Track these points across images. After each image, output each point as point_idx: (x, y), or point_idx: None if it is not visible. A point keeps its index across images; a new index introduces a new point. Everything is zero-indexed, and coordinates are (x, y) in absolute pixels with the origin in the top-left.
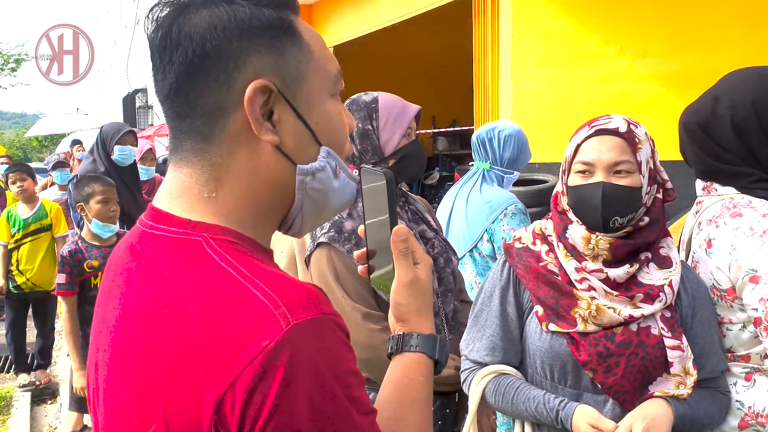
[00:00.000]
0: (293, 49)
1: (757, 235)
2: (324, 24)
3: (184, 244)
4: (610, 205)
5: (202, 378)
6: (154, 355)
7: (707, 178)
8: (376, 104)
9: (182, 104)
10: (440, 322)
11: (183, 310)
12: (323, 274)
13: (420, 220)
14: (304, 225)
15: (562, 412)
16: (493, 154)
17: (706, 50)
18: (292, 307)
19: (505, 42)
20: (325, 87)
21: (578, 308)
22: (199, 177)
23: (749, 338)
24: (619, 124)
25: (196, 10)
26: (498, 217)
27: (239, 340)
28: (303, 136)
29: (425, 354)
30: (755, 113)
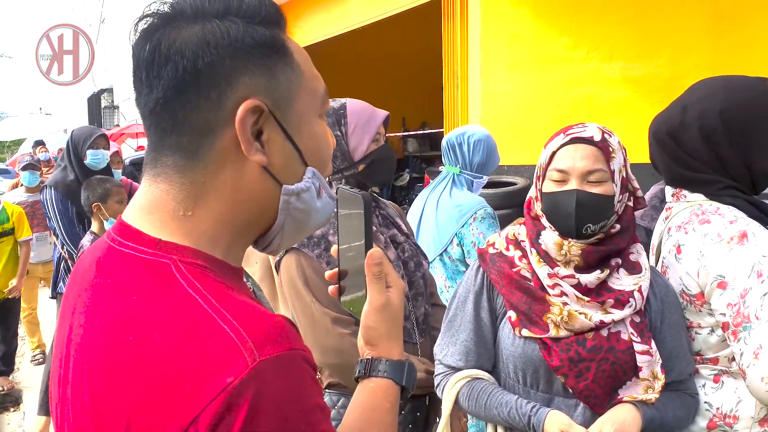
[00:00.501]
0: (284, 69)
1: (725, 242)
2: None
3: (153, 267)
4: (583, 212)
5: (164, 411)
6: (118, 383)
7: (677, 185)
8: (344, 110)
9: (168, 120)
10: (411, 326)
11: (148, 339)
12: (292, 280)
13: (391, 224)
14: (282, 243)
15: (534, 418)
16: (462, 159)
17: (671, 55)
18: (258, 342)
19: (475, 45)
20: (313, 107)
21: (550, 314)
22: (177, 194)
23: (717, 342)
24: (594, 133)
25: (187, 24)
26: (468, 221)
27: (203, 374)
28: (290, 156)
29: (393, 380)
30: (722, 122)
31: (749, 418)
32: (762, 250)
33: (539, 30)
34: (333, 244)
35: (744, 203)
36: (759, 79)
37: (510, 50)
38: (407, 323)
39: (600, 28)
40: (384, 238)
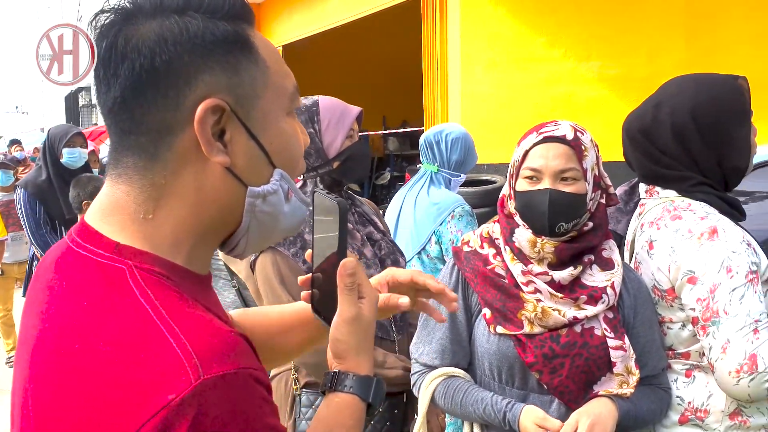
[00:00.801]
0: (248, 66)
1: (695, 238)
2: (273, 23)
3: (108, 271)
4: (556, 211)
5: (102, 426)
6: (60, 392)
7: (649, 182)
8: (316, 107)
9: (126, 120)
10: (388, 323)
11: (94, 348)
12: (268, 279)
13: (367, 222)
14: (249, 247)
15: (509, 414)
16: (440, 157)
17: (647, 54)
18: (205, 359)
19: (454, 44)
20: (280, 105)
21: (525, 310)
22: (138, 196)
23: (688, 336)
24: (567, 131)
25: (145, 21)
26: (446, 219)
27: (145, 389)
28: (256, 156)
29: (359, 396)
30: (693, 120)
31: (720, 412)
32: (732, 246)
33: (518, 30)
34: (309, 243)
35: (716, 199)
36: (729, 77)
37: (489, 50)
38: (384, 320)
39: (577, 27)
40: (360, 235)
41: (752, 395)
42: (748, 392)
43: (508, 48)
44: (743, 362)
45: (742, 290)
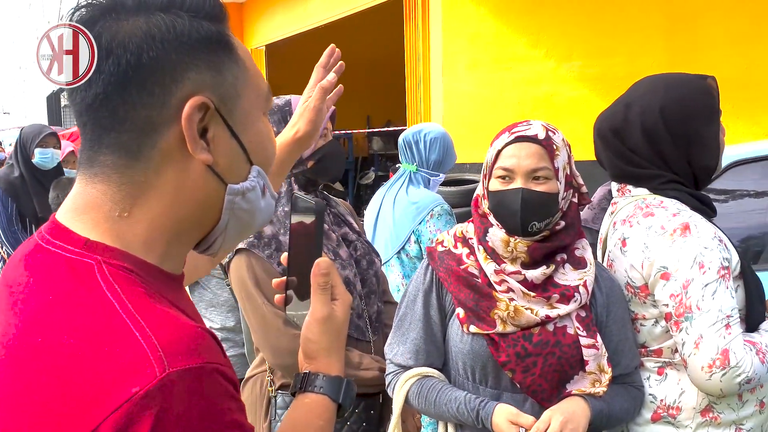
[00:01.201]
0: (231, 66)
1: (668, 234)
2: (255, 23)
3: (75, 266)
4: (528, 210)
5: (66, 418)
6: (20, 388)
7: (621, 180)
8: (289, 107)
9: (107, 117)
10: (364, 324)
11: (58, 341)
12: (243, 281)
13: (342, 222)
14: (224, 245)
15: (482, 412)
16: (419, 156)
17: (627, 54)
18: (171, 353)
19: (436, 44)
20: (258, 104)
21: (497, 309)
22: (115, 194)
23: (661, 333)
24: (538, 130)
25: (128, 17)
26: (425, 218)
27: (108, 382)
28: (236, 154)
29: (329, 397)
30: (663, 119)
31: (691, 409)
32: (704, 242)
33: (499, 29)
34: (284, 244)
35: (687, 196)
36: (698, 77)
37: (470, 49)
38: (360, 321)
39: (559, 27)
40: (336, 236)
41: (724, 390)
42: (720, 387)
43: (489, 48)
44: (716, 357)
45: (714, 286)
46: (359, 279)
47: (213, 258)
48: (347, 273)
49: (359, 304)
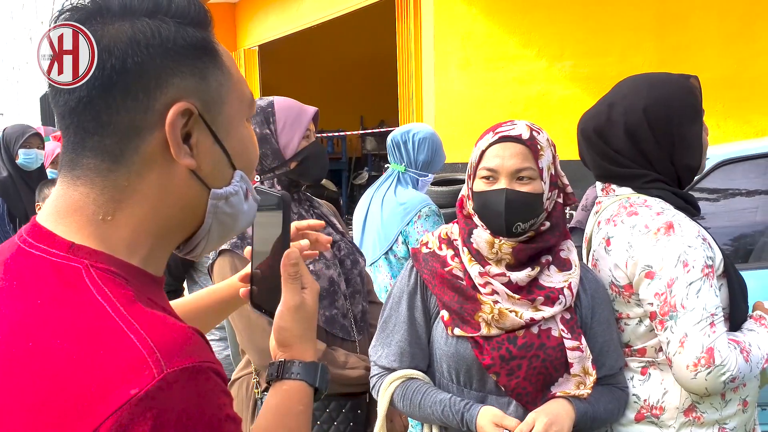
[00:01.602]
0: (215, 72)
1: (652, 233)
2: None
3: (62, 270)
4: (512, 211)
5: (62, 423)
6: (12, 393)
7: (605, 180)
8: (272, 108)
9: (90, 120)
10: (349, 324)
11: (50, 345)
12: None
13: (325, 223)
14: (207, 248)
15: (467, 414)
16: (407, 157)
17: (619, 53)
18: (166, 353)
19: (428, 44)
20: (241, 112)
21: (482, 312)
22: (98, 197)
23: (645, 332)
24: (522, 130)
25: (114, 21)
26: (412, 219)
27: (106, 385)
28: (219, 160)
29: (306, 382)
30: (646, 119)
31: (674, 409)
32: (688, 241)
33: (491, 29)
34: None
35: (671, 195)
36: (681, 77)
37: (462, 49)
38: (345, 321)
39: (550, 27)
40: None
41: (709, 389)
42: (705, 386)
43: (481, 47)
44: (700, 356)
45: (698, 284)
46: (343, 279)
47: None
48: (331, 273)
49: (344, 303)
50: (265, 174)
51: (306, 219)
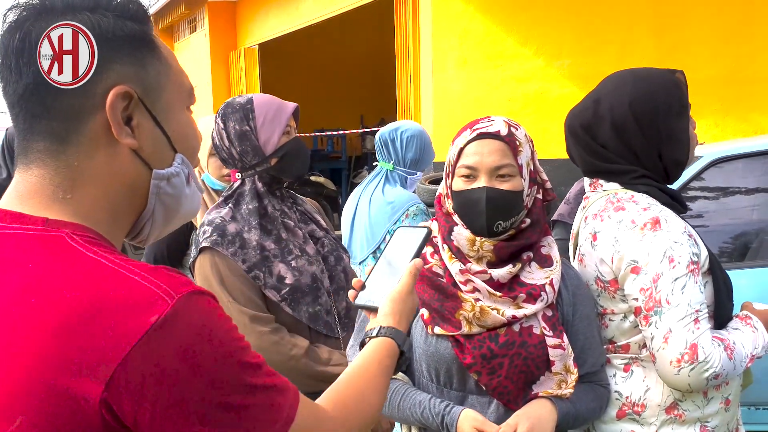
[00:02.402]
0: (153, 62)
1: (638, 228)
2: (248, 22)
3: (46, 240)
4: (493, 210)
5: (83, 360)
6: (19, 344)
7: (593, 175)
8: (251, 104)
9: (38, 105)
10: (332, 320)
11: (56, 297)
12: (207, 280)
13: (309, 220)
14: (152, 231)
15: (447, 417)
16: (396, 155)
17: (616, 51)
18: (170, 285)
19: (426, 42)
20: (180, 99)
21: (463, 310)
22: (53, 178)
23: (629, 328)
24: (500, 127)
25: (57, 17)
26: (400, 217)
27: (125, 319)
28: (160, 142)
29: (396, 342)
30: (632, 113)
31: (656, 406)
32: (674, 237)
33: (489, 27)
34: (248, 242)
35: (657, 191)
36: (667, 71)
37: (460, 47)
38: (329, 318)
39: (548, 25)
40: (302, 233)
41: (692, 385)
42: (688, 382)
43: (479, 46)
44: (684, 351)
45: (683, 280)
46: (327, 275)
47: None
48: (314, 269)
49: (327, 300)
50: (246, 171)
51: (288, 215)
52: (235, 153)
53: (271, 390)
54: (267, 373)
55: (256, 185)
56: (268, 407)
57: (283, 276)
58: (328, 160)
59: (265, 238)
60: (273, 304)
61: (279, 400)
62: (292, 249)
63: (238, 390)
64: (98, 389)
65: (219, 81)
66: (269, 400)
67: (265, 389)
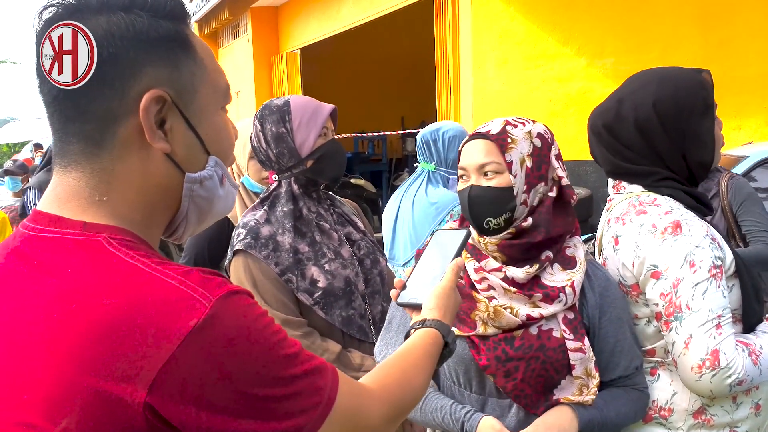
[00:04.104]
0: (188, 63)
1: (659, 232)
2: (290, 26)
3: (84, 244)
4: (477, 207)
5: (125, 365)
6: (61, 350)
7: (615, 177)
8: (288, 107)
9: (71, 107)
10: (366, 325)
11: (95, 303)
12: (241, 283)
13: (346, 222)
14: (187, 230)
15: (467, 424)
16: (437, 155)
17: (661, 49)
18: (208, 288)
19: (465, 43)
20: (215, 100)
21: (477, 311)
22: (89, 180)
23: (654, 333)
24: (493, 126)
25: (92, 15)
26: (444, 218)
27: (165, 323)
28: (193, 145)
29: (441, 333)
30: (656, 113)
31: (683, 410)
32: (695, 241)
33: (529, 27)
34: (281, 245)
35: (682, 194)
36: (693, 71)
37: (500, 47)
38: (363, 322)
39: (590, 23)
40: (338, 236)
41: (714, 391)
42: (710, 388)
43: (519, 45)
44: (705, 358)
45: (705, 285)
46: (362, 278)
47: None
48: (348, 272)
49: (361, 304)
50: (283, 173)
51: (324, 217)
52: (271, 155)
53: (310, 375)
54: (304, 359)
55: (292, 187)
56: (309, 392)
57: (316, 279)
58: (369, 163)
59: (299, 240)
60: (306, 308)
61: (319, 383)
62: (325, 252)
63: (279, 383)
64: (141, 394)
65: (262, 85)
66: (309, 385)
67: (304, 375)
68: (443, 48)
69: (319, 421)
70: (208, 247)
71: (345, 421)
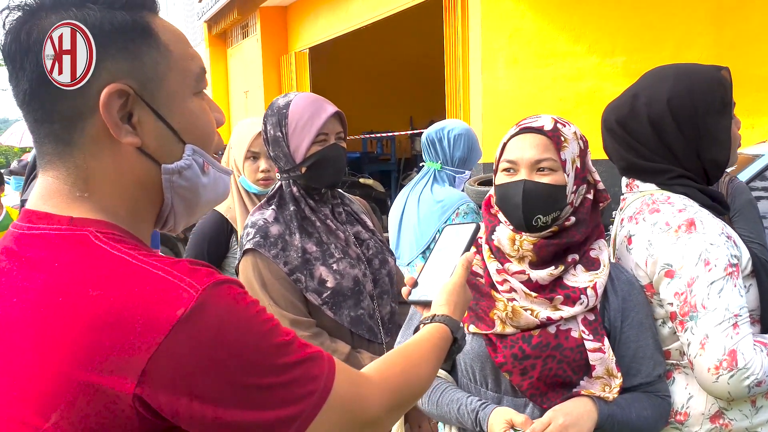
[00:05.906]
0: (149, 51)
1: (673, 231)
2: (299, 26)
3: (71, 239)
4: (531, 202)
5: (113, 357)
6: (49, 344)
7: (629, 174)
8: (286, 110)
9: (38, 110)
10: (375, 325)
11: (82, 295)
12: (249, 282)
13: (355, 221)
14: (178, 221)
15: (481, 413)
16: (443, 154)
17: (673, 47)
18: (196, 277)
19: (475, 41)
20: (186, 86)
21: (496, 310)
22: (67, 178)
23: (669, 334)
24: (545, 122)
25: (45, 15)
26: (450, 217)
27: (152, 313)
28: (165, 136)
29: (449, 329)
30: (670, 110)
31: (700, 415)
32: (710, 239)
33: (540, 25)
34: (290, 244)
35: (696, 192)
36: (712, 68)
37: (510, 46)
38: (372, 322)
39: (601, 21)
40: (345, 235)
41: (732, 393)
42: (728, 389)
43: (529, 44)
44: (722, 358)
45: (720, 284)
46: (371, 279)
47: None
48: (356, 272)
49: (370, 304)
50: (282, 175)
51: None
52: (272, 155)
53: (304, 363)
54: (298, 347)
55: (292, 189)
56: (305, 380)
57: (325, 279)
58: (378, 163)
59: (306, 240)
60: (314, 308)
61: (314, 371)
62: (333, 252)
63: (272, 371)
64: (130, 385)
65: (271, 85)
66: (305, 373)
67: (299, 364)
68: (452, 47)
69: (316, 409)
70: (208, 248)
71: (343, 410)
